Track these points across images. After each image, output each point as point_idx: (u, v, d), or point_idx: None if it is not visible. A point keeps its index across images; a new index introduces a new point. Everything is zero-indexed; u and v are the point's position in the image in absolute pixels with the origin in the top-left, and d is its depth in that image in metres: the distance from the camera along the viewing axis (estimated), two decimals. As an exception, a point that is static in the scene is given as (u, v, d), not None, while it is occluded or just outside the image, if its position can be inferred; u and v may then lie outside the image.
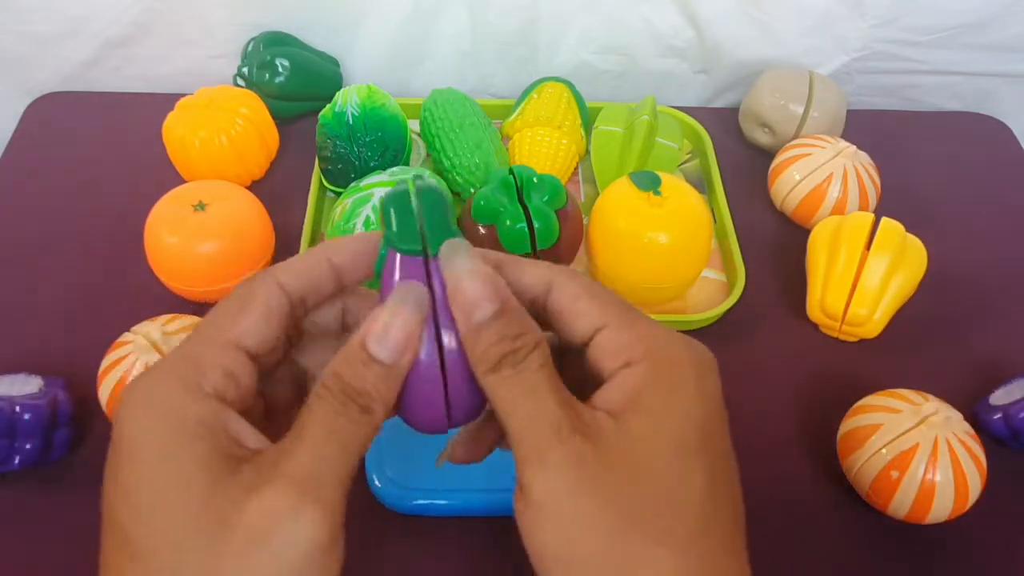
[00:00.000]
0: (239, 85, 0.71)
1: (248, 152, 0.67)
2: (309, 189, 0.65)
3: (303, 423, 0.25)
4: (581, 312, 0.28)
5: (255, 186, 0.69)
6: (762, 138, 0.73)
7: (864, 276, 0.58)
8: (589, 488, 0.25)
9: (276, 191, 0.67)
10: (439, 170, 0.67)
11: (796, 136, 0.70)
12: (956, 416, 0.49)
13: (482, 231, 0.56)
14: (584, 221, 0.61)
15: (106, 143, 0.72)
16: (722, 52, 0.75)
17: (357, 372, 0.25)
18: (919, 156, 0.75)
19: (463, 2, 0.72)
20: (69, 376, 0.52)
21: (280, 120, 0.71)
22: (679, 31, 0.74)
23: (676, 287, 0.60)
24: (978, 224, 0.70)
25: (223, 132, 0.64)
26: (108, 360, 0.49)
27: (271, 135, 0.70)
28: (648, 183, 0.57)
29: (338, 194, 0.64)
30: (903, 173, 0.71)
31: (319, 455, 0.24)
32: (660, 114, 0.70)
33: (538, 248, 0.55)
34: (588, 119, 0.72)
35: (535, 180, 0.56)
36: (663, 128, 0.70)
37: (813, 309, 0.60)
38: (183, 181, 0.64)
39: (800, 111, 0.69)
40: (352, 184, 0.60)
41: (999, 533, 0.51)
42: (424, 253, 0.28)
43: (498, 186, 0.56)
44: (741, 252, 0.63)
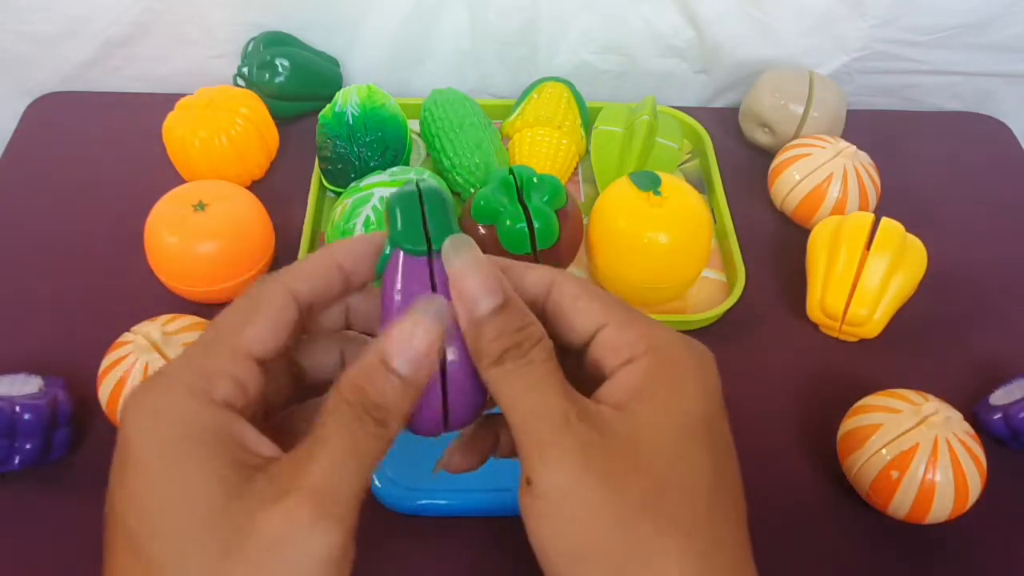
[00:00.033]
0: (239, 85, 0.71)
1: (248, 152, 0.67)
2: (309, 189, 0.65)
3: (321, 435, 0.25)
4: (582, 312, 0.28)
5: (255, 186, 0.68)
6: (762, 138, 0.73)
7: (864, 276, 0.58)
8: (597, 476, 0.25)
9: (276, 191, 0.67)
10: (439, 170, 0.67)
11: (796, 136, 0.70)
12: (956, 416, 0.49)
13: (482, 231, 0.56)
14: (584, 221, 0.60)
15: (106, 143, 0.72)
16: (722, 52, 0.75)
17: (376, 385, 0.25)
18: (919, 156, 0.75)
19: (463, 2, 0.72)
20: (69, 376, 0.52)
21: (280, 120, 0.71)
22: (679, 31, 0.74)
23: (676, 287, 0.60)
24: (978, 224, 0.70)
25: (223, 132, 0.64)
26: (108, 360, 0.49)
27: (271, 135, 0.70)
28: (648, 183, 0.57)
29: (338, 194, 0.64)
30: (903, 173, 0.71)
31: (337, 469, 0.24)
32: (660, 114, 0.70)
33: (538, 248, 0.55)
34: (588, 119, 0.72)
35: (535, 180, 0.56)
36: (663, 128, 0.70)
37: (813, 309, 0.60)
38: (183, 181, 0.64)
39: (800, 111, 0.69)
40: (352, 184, 0.60)
41: (999, 533, 0.51)
42: (428, 253, 0.28)
43: (498, 186, 0.56)
44: (741, 252, 0.63)
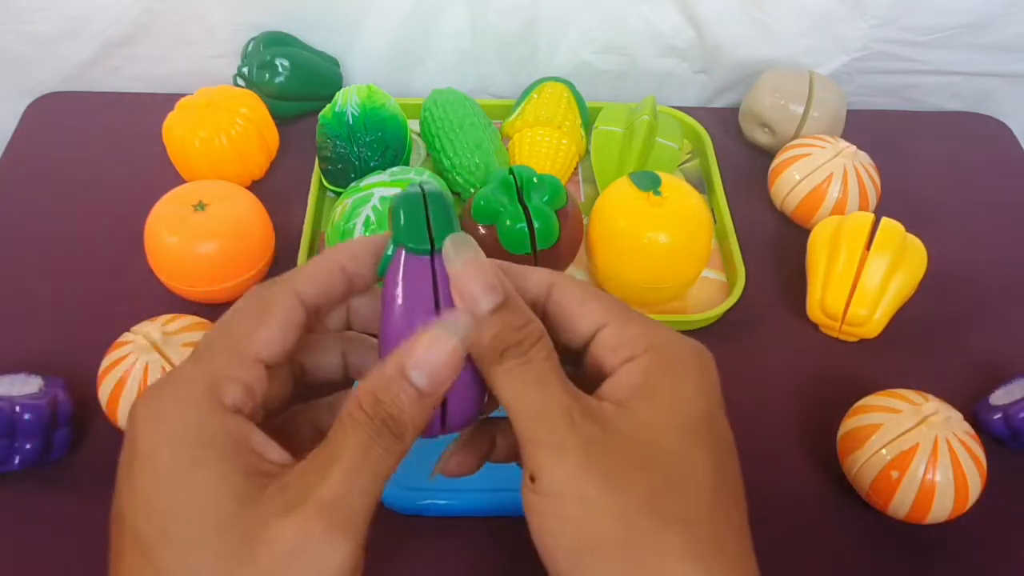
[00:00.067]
0: (239, 85, 0.71)
1: (248, 152, 0.67)
2: (309, 189, 0.65)
3: (336, 445, 0.25)
4: (582, 313, 0.29)
5: (255, 186, 0.68)
6: (762, 138, 0.73)
7: (864, 276, 0.58)
8: (599, 473, 0.25)
9: (276, 191, 0.67)
10: (439, 170, 0.67)
11: (796, 136, 0.70)
12: (956, 416, 0.49)
13: (482, 231, 0.56)
14: (584, 221, 0.60)
15: (106, 143, 0.72)
16: (722, 52, 0.75)
17: (395, 398, 0.25)
18: (919, 156, 0.75)
19: (463, 2, 0.72)
20: (69, 376, 0.52)
21: (280, 120, 0.71)
22: (679, 31, 0.74)
23: (676, 287, 0.60)
24: (978, 224, 0.70)
25: (223, 132, 0.64)
26: (108, 360, 0.49)
27: (271, 135, 0.70)
28: (648, 183, 0.57)
29: (338, 194, 0.64)
30: (903, 173, 0.71)
31: (351, 482, 0.25)
32: (660, 114, 0.70)
33: (538, 248, 0.55)
34: (588, 119, 0.72)
35: (535, 180, 0.56)
36: (663, 128, 0.70)
37: (813, 309, 0.60)
38: (183, 181, 0.64)
39: (800, 111, 0.69)
40: (352, 184, 0.60)
41: (999, 533, 0.51)
42: (431, 253, 0.28)
43: (498, 186, 0.56)
44: (741, 252, 0.63)
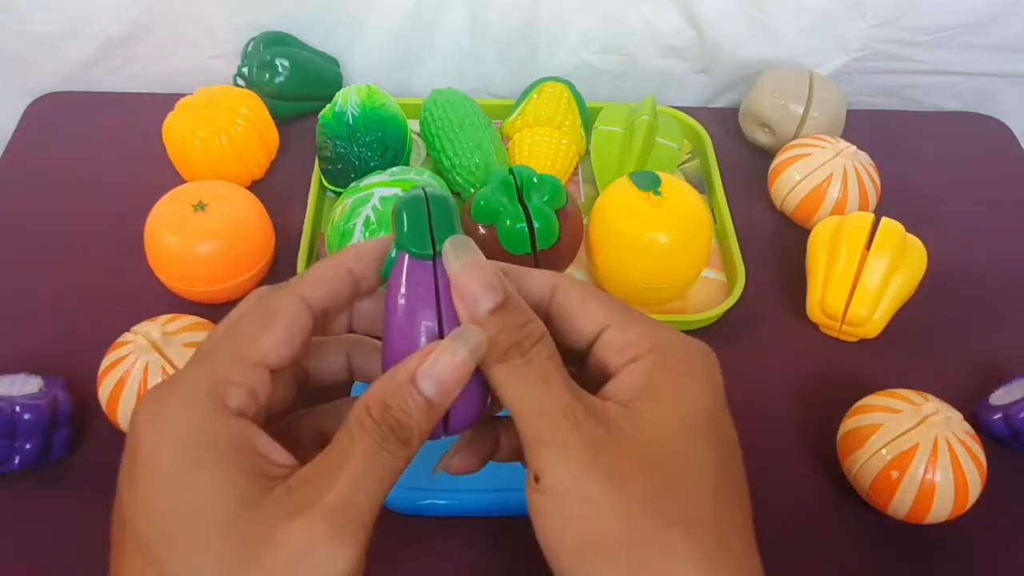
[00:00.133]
0: (239, 85, 0.71)
1: (248, 152, 0.67)
2: (309, 189, 0.65)
3: (343, 450, 0.25)
4: (586, 313, 0.29)
5: (255, 186, 0.68)
6: (762, 138, 0.73)
7: (864, 276, 0.58)
8: (603, 473, 0.25)
9: (276, 191, 0.67)
10: (439, 170, 0.67)
11: (796, 136, 0.70)
12: (956, 416, 0.49)
13: (482, 231, 0.56)
14: (584, 221, 0.60)
15: (106, 143, 0.72)
16: (722, 52, 0.75)
17: (403, 404, 0.26)
18: (919, 156, 0.75)
19: (463, 2, 0.72)
20: (69, 376, 0.52)
21: (280, 120, 0.71)
22: (679, 31, 0.74)
23: (676, 287, 0.60)
24: (978, 224, 0.70)
25: (223, 132, 0.64)
26: (108, 360, 0.49)
27: (271, 135, 0.70)
28: (648, 183, 0.57)
29: (338, 194, 0.64)
30: (903, 173, 0.71)
31: (358, 487, 0.25)
32: (660, 114, 0.70)
33: (538, 248, 0.55)
34: (588, 119, 0.72)
35: (535, 180, 0.56)
36: (663, 128, 0.70)
37: (813, 309, 0.60)
38: (183, 181, 0.64)
39: (800, 111, 0.69)
40: (352, 184, 0.60)
41: (999, 533, 0.51)
42: (433, 257, 0.28)
43: (498, 186, 0.56)
44: (741, 252, 0.63)
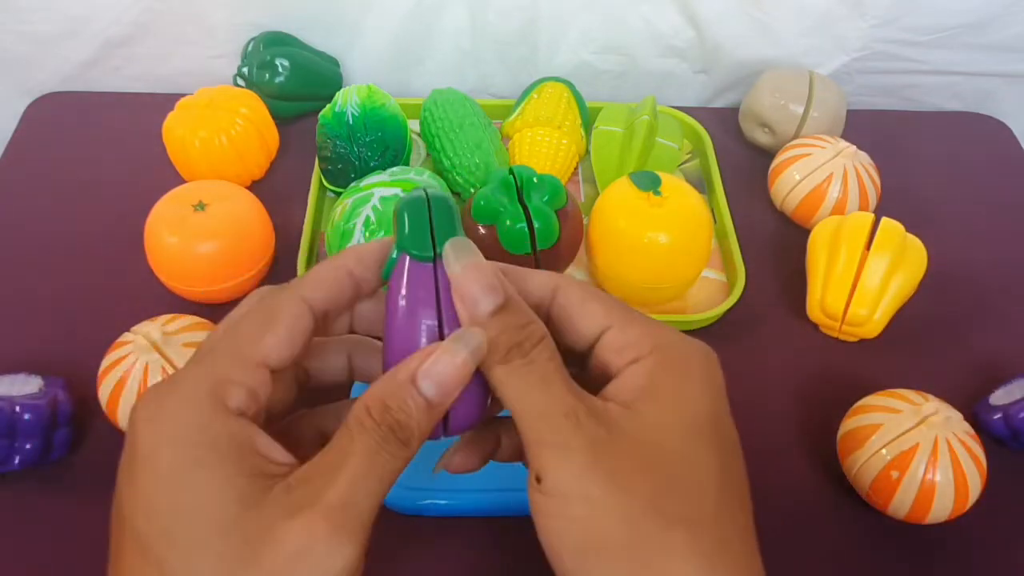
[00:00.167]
0: (239, 85, 0.71)
1: (248, 152, 0.67)
2: (309, 189, 0.65)
3: (342, 449, 0.25)
4: (587, 314, 0.29)
5: (255, 186, 0.68)
6: (762, 138, 0.73)
7: (864, 276, 0.58)
8: (605, 474, 0.25)
9: (276, 191, 0.67)
10: (439, 170, 0.67)
11: (796, 136, 0.70)
12: (956, 416, 0.49)
13: (482, 231, 0.56)
14: (584, 221, 0.60)
15: (106, 143, 0.72)
16: (722, 52, 0.75)
17: (403, 405, 0.26)
18: (919, 156, 0.75)
19: (463, 2, 0.72)
20: (69, 376, 0.52)
21: (280, 120, 0.71)
22: (679, 31, 0.74)
23: (676, 287, 0.60)
24: (978, 224, 0.70)
25: (223, 132, 0.64)
26: (108, 360, 0.49)
27: (271, 135, 0.70)
28: (648, 183, 0.57)
29: (338, 194, 0.64)
30: (903, 173, 0.71)
31: (358, 486, 0.25)
32: (660, 114, 0.70)
33: (538, 248, 0.55)
34: (588, 119, 0.72)
35: (535, 180, 0.56)
36: (663, 128, 0.70)
37: (813, 309, 0.60)
38: (183, 181, 0.64)
39: (800, 111, 0.69)
40: (352, 184, 0.60)
41: (999, 533, 0.51)
42: (434, 259, 0.28)
43: (498, 186, 0.56)
44: (741, 252, 0.63)
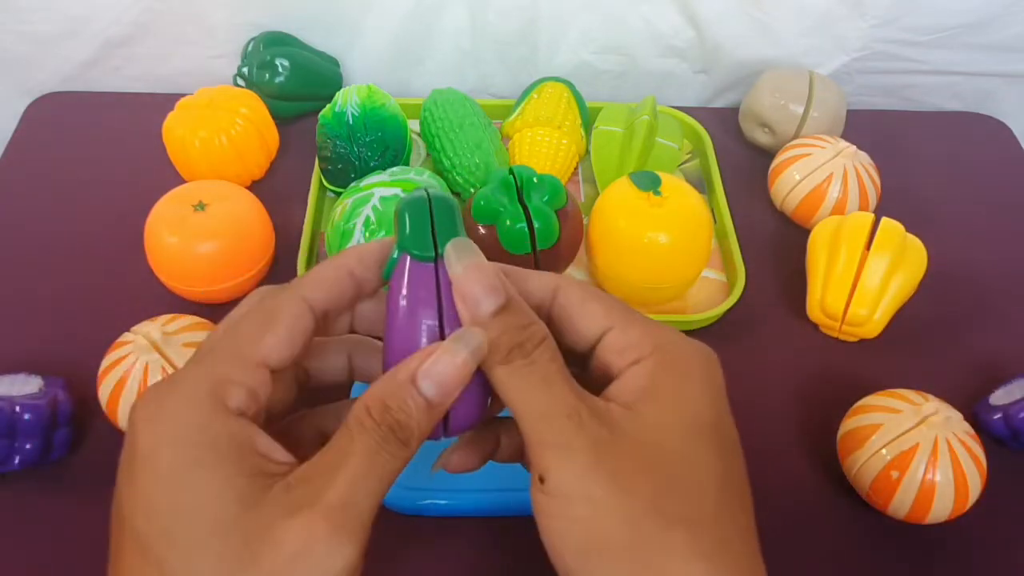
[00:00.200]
0: (239, 85, 0.71)
1: (248, 152, 0.67)
2: (309, 189, 0.65)
3: (342, 449, 0.25)
4: (588, 315, 0.29)
5: (255, 186, 0.68)
6: (762, 138, 0.73)
7: (864, 276, 0.58)
8: (607, 474, 0.25)
9: (276, 191, 0.67)
10: (439, 170, 0.67)
11: (796, 136, 0.70)
12: (956, 416, 0.49)
13: (482, 231, 0.56)
14: (584, 221, 0.60)
15: (106, 143, 0.72)
16: (722, 52, 0.75)
17: (403, 404, 0.26)
18: (919, 156, 0.75)
19: (463, 2, 0.72)
20: (69, 376, 0.52)
21: (280, 120, 0.71)
22: (679, 31, 0.74)
23: (676, 287, 0.60)
24: (978, 224, 0.70)
25: (223, 132, 0.64)
26: (108, 360, 0.49)
27: (271, 135, 0.70)
28: (648, 183, 0.57)
29: (338, 194, 0.64)
30: (903, 173, 0.71)
31: (358, 486, 0.25)
32: (660, 114, 0.70)
33: (538, 248, 0.55)
34: (588, 119, 0.72)
35: (535, 180, 0.56)
36: (663, 128, 0.70)
37: (813, 309, 0.60)
38: (183, 181, 0.64)
39: (800, 111, 0.69)
40: (352, 184, 0.60)
41: (999, 533, 0.51)
42: (435, 259, 0.28)
43: (498, 186, 0.56)
44: (741, 252, 0.63)
